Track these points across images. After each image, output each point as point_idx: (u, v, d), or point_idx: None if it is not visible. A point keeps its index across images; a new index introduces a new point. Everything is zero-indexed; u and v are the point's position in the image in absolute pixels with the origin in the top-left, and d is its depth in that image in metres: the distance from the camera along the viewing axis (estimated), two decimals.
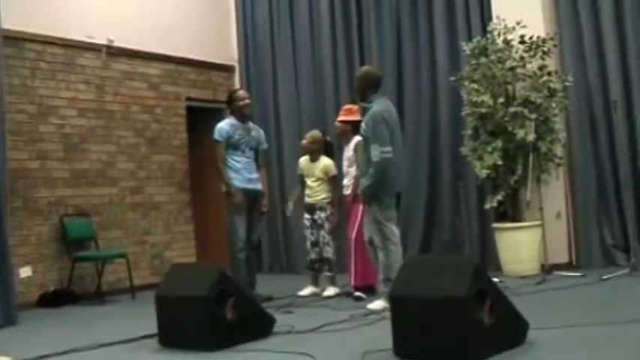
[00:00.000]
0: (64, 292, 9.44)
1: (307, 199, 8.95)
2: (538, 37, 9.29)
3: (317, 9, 11.57)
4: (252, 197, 8.55)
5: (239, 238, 8.42)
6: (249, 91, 12.13)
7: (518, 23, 9.20)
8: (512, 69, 9.20)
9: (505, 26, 9.30)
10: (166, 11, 11.40)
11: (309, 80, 11.67)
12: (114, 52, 10.56)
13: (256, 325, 6.18)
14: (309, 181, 8.95)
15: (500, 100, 9.18)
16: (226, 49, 12.41)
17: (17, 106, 9.35)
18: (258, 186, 8.70)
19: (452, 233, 10.23)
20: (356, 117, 8.38)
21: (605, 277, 8.19)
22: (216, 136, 8.56)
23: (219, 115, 12.13)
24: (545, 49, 9.27)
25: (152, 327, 6.25)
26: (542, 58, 9.29)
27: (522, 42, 9.27)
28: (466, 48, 9.50)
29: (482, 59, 9.30)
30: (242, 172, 8.51)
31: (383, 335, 5.27)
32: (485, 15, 9.98)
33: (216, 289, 5.89)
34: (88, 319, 8.32)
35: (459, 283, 4.77)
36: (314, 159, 8.95)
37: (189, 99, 11.70)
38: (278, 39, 12.03)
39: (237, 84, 12.40)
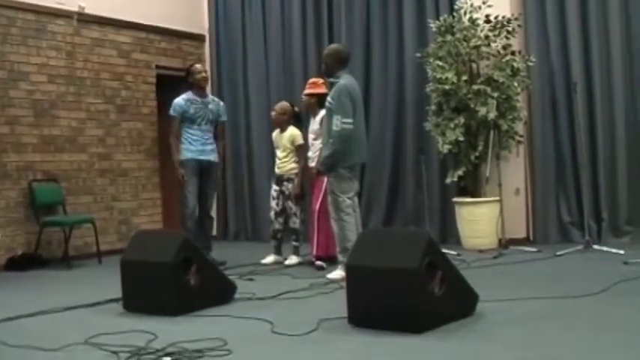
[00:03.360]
0: (32, 256, 9.55)
1: (276, 170, 9.10)
2: (503, 17, 9.45)
3: None
4: (204, 167, 9.06)
5: (188, 207, 8.97)
6: (219, 60, 12.27)
7: (484, 2, 9.35)
8: (476, 47, 9.36)
9: (471, 5, 9.45)
10: None
11: (278, 52, 11.74)
12: (85, 19, 10.60)
13: (218, 291, 6.37)
14: (278, 152, 9.10)
15: (464, 77, 9.36)
16: (197, 19, 12.45)
17: None
18: (211, 157, 9.13)
19: (414, 207, 10.41)
20: (322, 90, 8.55)
21: (559, 253, 8.44)
22: (171, 111, 9.11)
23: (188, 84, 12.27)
24: (509, 28, 9.43)
25: (117, 291, 6.41)
26: (507, 38, 9.46)
27: (488, 21, 9.43)
28: (433, 25, 9.64)
29: (449, 37, 9.45)
30: (195, 144, 8.99)
31: (340, 304, 5.46)
32: None
33: (180, 255, 6.06)
34: (54, 283, 8.42)
35: (412, 255, 4.98)
36: (283, 130, 9.08)
37: (159, 67, 11.77)
38: (249, 9, 12.06)
39: (207, 53, 12.48)
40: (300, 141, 8.97)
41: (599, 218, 9.43)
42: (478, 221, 9.35)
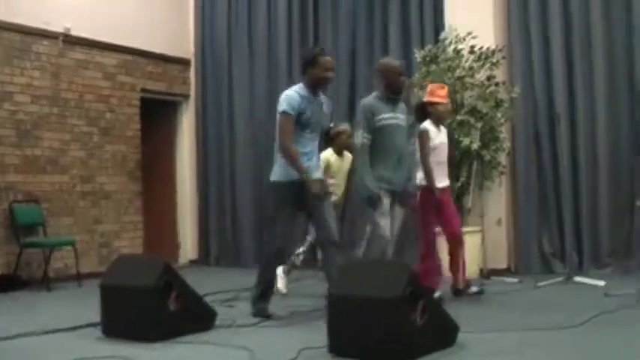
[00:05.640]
0: (11, 277, 9.49)
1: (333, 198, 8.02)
2: (488, 49, 9.51)
3: (275, 8, 11.69)
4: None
5: (281, 236, 6.81)
6: (204, 84, 12.27)
7: (469, 34, 9.41)
8: (460, 78, 9.41)
9: (457, 36, 9.51)
10: (125, 2, 11.45)
11: (263, 77, 11.79)
12: (70, 41, 10.61)
13: (199, 317, 6.32)
14: (334, 180, 8.26)
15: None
16: (183, 42, 12.48)
17: None
18: (317, 175, 6.89)
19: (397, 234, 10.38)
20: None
21: (540, 284, 8.44)
22: (286, 107, 6.68)
23: (173, 107, 12.29)
24: (493, 60, 9.50)
25: (97, 315, 6.34)
26: (491, 69, 9.52)
27: (472, 52, 9.50)
28: (418, 55, 9.69)
29: (433, 67, 9.50)
30: (302, 158, 6.69)
31: (322, 332, 5.41)
32: (439, 23, 10.18)
33: (160, 280, 6.02)
34: (33, 305, 8.36)
35: (394, 285, 4.96)
36: (341, 154, 8.48)
37: (144, 90, 11.77)
38: (235, 34, 12.12)
39: (192, 78, 12.50)
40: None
41: (581, 249, 9.46)
42: None
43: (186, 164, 12.49)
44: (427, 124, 7.71)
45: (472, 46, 9.47)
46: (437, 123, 7.78)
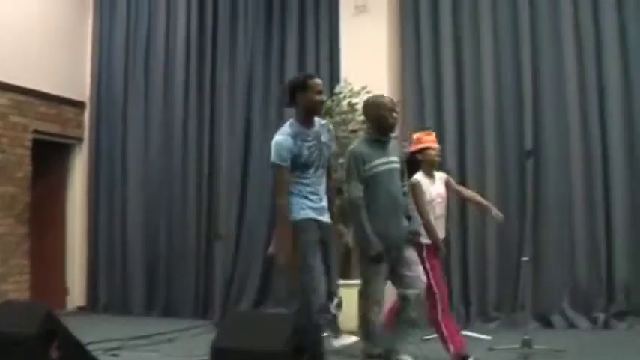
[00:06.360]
0: None
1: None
2: None
3: (173, 53, 11.76)
4: (323, 233, 6.07)
5: (314, 292, 5.92)
6: (98, 128, 12.14)
7: (364, 88, 9.52)
8: (354, 131, 9.49)
9: (351, 90, 9.63)
10: (20, 41, 11.27)
11: (159, 121, 11.79)
12: None
13: None
14: None
15: (341, 160, 9.48)
16: (79, 85, 12.34)
17: None
18: (328, 218, 6.22)
19: (288, 288, 10.37)
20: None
21: (426, 337, 8.51)
22: (276, 159, 5.85)
23: (66, 150, 12.09)
24: None
25: None
26: None
27: None
28: None
29: (327, 119, 9.58)
30: (313, 199, 6.02)
31: None
32: (334, 76, 10.32)
33: (42, 328, 5.88)
34: None
35: (278, 338, 4.96)
36: None
37: (36, 131, 11.57)
38: (132, 78, 12.08)
39: (86, 120, 12.35)
40: None
41: (468, 303, 9.61)
42: (353, 304, 9.32)
43: (77, 208, 12.29)
44: (418, 176, 7.12)
45: None
46: (429, 173, 7.25)
